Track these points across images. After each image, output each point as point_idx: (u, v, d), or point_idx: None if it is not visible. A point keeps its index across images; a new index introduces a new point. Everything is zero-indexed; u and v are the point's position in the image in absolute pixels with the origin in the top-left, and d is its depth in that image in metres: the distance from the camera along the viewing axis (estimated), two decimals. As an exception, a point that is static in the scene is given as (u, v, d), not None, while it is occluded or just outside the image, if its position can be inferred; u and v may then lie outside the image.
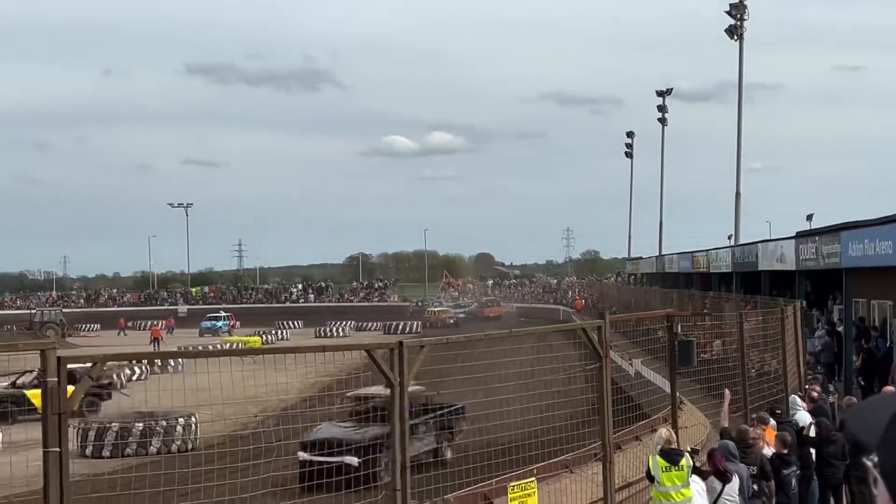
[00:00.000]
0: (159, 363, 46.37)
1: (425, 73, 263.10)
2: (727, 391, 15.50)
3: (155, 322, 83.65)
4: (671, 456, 11.53)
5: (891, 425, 1.37)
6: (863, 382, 24.35)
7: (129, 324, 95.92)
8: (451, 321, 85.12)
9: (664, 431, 12.08)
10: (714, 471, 11.90)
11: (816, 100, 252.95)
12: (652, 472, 11.54)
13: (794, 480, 13.44)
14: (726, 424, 14.30)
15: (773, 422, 14.87)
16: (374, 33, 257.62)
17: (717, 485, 11.85)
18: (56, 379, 8.03)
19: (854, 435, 1.69)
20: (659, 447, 11.72)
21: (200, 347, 53.88)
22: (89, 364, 9.40)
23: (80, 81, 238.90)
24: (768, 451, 13.74)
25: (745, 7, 53.08)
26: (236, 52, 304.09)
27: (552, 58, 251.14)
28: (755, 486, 12.90)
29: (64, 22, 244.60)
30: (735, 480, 11.97)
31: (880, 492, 1.40)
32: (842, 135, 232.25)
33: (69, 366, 8.36)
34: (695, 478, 11.71)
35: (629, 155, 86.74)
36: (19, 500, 11.09)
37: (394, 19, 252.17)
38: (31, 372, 28.44)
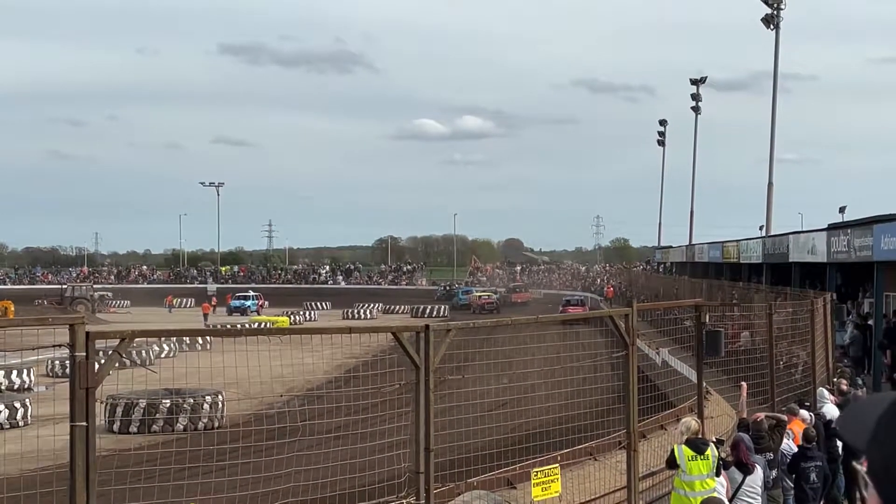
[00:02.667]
0: (188, 341, 46.67)
1: (455, 56, 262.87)
2: (743, 384, 15.46)
3: (205, 299, 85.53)
4: (698, 445, 11.49)
5: (878, 426, 1.37)
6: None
7: (176, 301, 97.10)
8: (492, 305, 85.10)
9: (693, 423, 12.02)
10: (736, 461, 11.85)
11: (851, 92, 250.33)
12: (678, 461, 11.48)
13: (813, 475, 13.37)
14: (744, 415, 14.27)
15: (804, 413, 14.78)
16: (405, 16, 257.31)
17: (738, 476, 11.80)
18: (84, 353, 8.08)
19: (843, 439, 1.69)
20: (685, 437, 11.67)
21: (229, 326, 54.24)
22: (117, 340, 9.44)
23: (113, 60, 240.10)
24: (788, 443, 13.69)
25: (782, -4, 52.57)
26: (269, 34, 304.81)
27: (585, 44, 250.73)
28: (773, 473, 12.86)
29: (98, 1, 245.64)
30: (758, 472, 11.92)
31: (870, 495, 1.39)
32: (876, 127, 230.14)
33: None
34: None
35: (661, 143, 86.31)
36: (46, 474, 11.17)
37: (425, 3, 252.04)
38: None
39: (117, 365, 9.00)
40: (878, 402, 1.45)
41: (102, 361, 8.81)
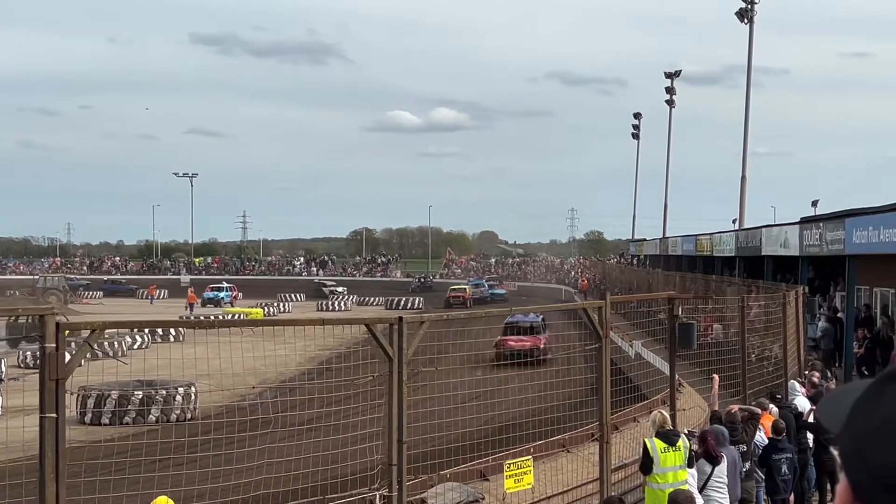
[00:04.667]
0: (161, 332, 46.48)
1: (430, 48, 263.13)
2: (715, 376, 15.54)
3: (191, 288, 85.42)
4: (669, 437, 11.53)
5: (853, 410, 1.38)
6: (867, 372, 24.33)
7: (157, 293, 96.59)
8: (458, 300, 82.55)
9: (657, 415, 12.07)
10: (704, 453, 11.92)
11: (822, 86, 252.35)
12: (651, 454, 11.51)
13: (784, 466, 13.46)
14: (716, 408, 14.34)
15: (773, 408, 14.87)
16: (379, 7, 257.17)
17: (707, 467, 11.87)
18: (54, 345, 8.02)
19: (821, 424, 1.74)
20: (655, 430, 11.71)
21: (202, 318, 54.01)
22: (88, 331, 9.37)
23: (85, 49, 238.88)
24: (760, 436, 13.78)
25: (757, -10, 52.74)
26: (241, 24, 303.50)
27: (558, 37, 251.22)
28: (746, 465, 12.94)
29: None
30: (724, 462, 12.00)
31: (840, 479, 1.41)
32: (848, 121, 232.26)
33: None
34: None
35: (636, 136, 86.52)
36: (15, 466, 11.10)
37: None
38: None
39: (88, 356, 8.94)
40: (856, 388, 1.47)
41: (73, 352, 8.76)
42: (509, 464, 12.01)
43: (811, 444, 15.04)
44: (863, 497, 1.32)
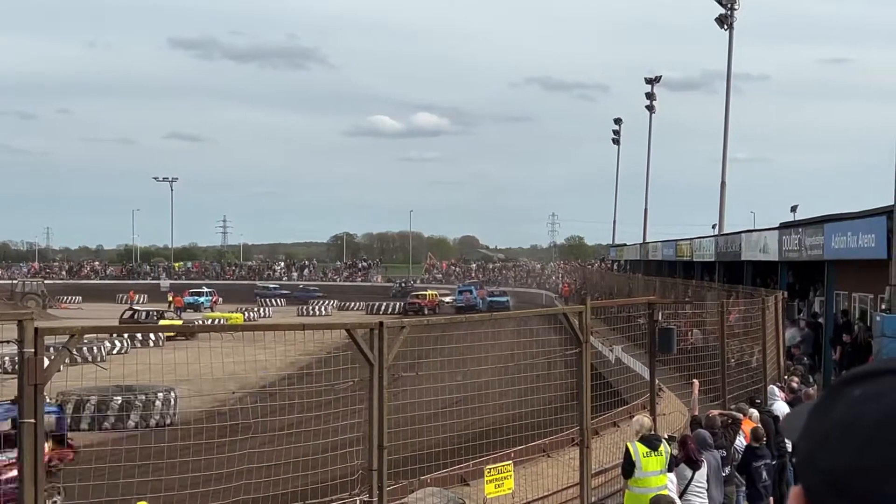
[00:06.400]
0: (140, 337, 46.30)
1: (410, 53, 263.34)
2: (695, 381, 15.59)
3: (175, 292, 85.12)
4: (651, 442, 11.57)
5: (808, 419, 1.42)
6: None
7: (139, 298, 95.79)
8: (415, 306, 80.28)
9: (645, 420, 12.11)
10: (685, 458, 11.95)
11: (801, 92, 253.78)
12: (633, 459, 11.55)
13: (764, 473, 13.51)
14: (696, 412, 14.39)
15: (754, 413, 14.91)
16: (359, 11, 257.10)
17: (688, 472, 11.91)
18: (33, 350, 7.98)
19: (784, 435, 1.76)
20: (640, 434, 11.75)
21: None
22: (67, 336, 9.32)
23: (64, 53, 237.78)
24: (740, 441, 13.83)
25: (736, -4, 52.99)
26: (220, 28, 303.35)
27: (540, 42, 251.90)
28: (726, 470, 12.98)
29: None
30: (705, 467, 12.05)
31: (794, 485, 1.43)
32: (827, 127, 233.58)
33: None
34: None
35: (616, 142, 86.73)
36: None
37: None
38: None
39: (67, 361, 8.90)
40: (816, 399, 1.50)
41: (52, 357, 8.71)
42: (490, 469, 12.01)
43: (789, 449, 15.10)
44: (814, 499, 1.34)
